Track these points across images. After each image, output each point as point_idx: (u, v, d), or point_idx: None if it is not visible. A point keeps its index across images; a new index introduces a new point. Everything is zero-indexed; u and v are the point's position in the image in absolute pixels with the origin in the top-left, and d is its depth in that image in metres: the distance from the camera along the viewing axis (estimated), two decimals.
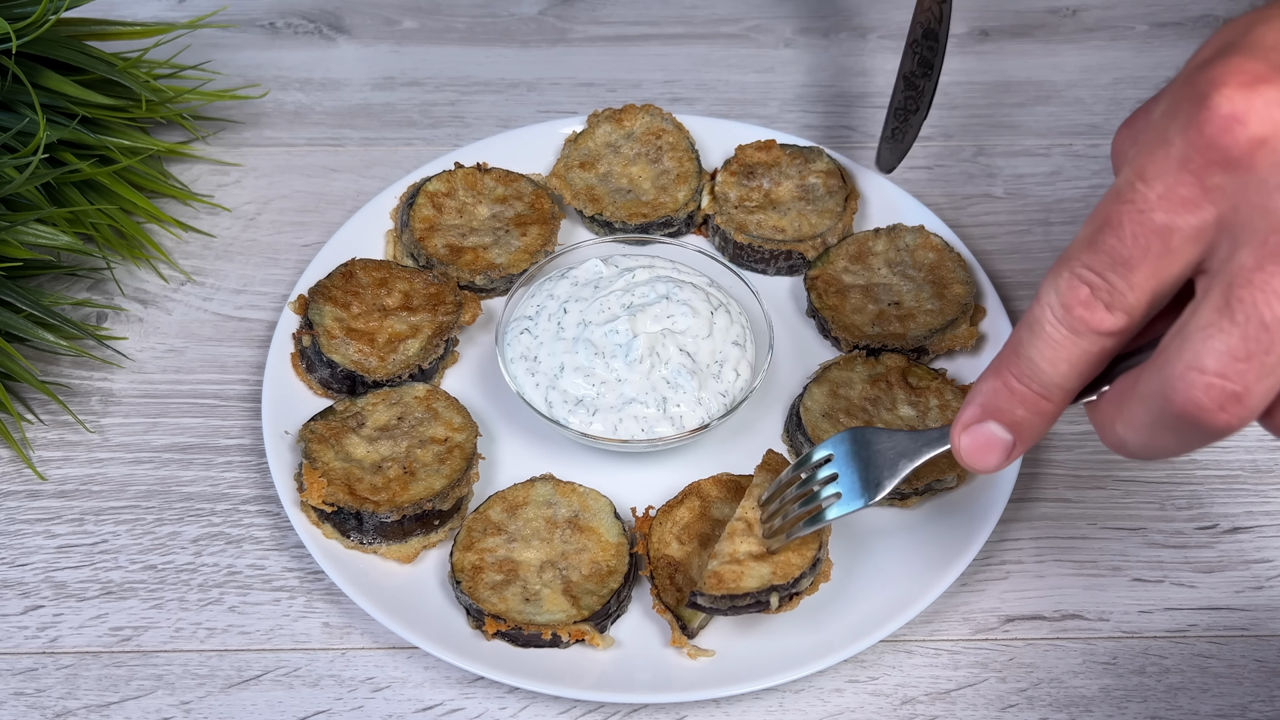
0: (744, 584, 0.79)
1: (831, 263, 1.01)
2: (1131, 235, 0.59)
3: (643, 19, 1.27)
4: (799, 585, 0.80)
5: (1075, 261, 0.61)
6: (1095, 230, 0.60)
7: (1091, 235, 0.60)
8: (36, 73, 0.99)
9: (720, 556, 0.81)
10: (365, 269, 0.98)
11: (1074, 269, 0.61)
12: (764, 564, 0.80)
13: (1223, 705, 0.82)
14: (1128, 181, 0.60)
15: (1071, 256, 0.61)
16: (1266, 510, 0.91)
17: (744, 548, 0.81)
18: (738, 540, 0.82)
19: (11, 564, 0.88)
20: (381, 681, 0.83)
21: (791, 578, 0.79)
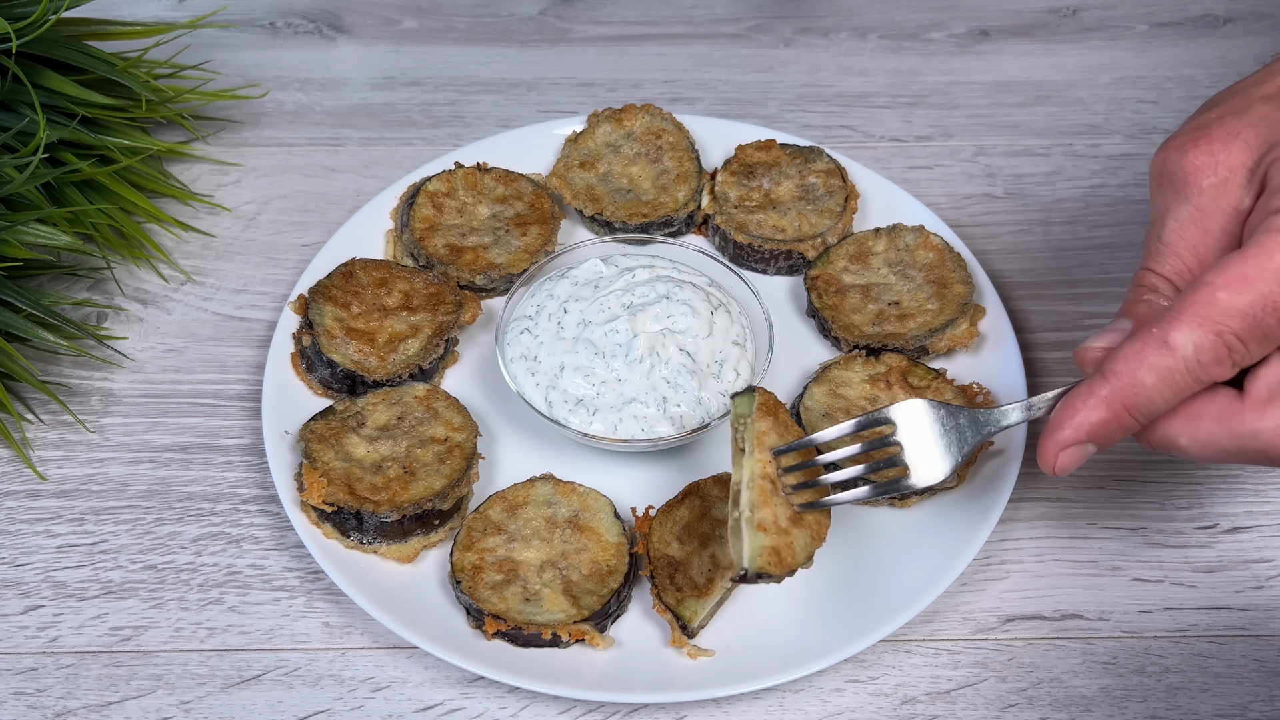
0: (797, 556, 0.75)
1: (831, 262, 1.01)
2: None
3: (643, 19, 1.27)
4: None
5: (1227, 329, 0.67)
6: (1256, 306, 0.67)
7: (1249, 309, 0.67)
8: (36, 73, 0.99)
9: (769, 529, 0.75)
10: (365, 269, 0.98)
11: (1224, 335, 0.67)
12: (802, 529, 0.76)
13: (1223, 705, 0.82)
14: None
15: (1219, 321, 0.67)
16: (1266, 510, 0.91)
17: (783, 513, 0.76)
18: (775, 504, 0.76)
19: (11, 564, 0.89)
20: (381, 681, 0.83)
21: (823, 541, 0.77)
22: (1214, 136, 0.73)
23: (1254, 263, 0.67)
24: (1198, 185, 0.73)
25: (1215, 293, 0.67)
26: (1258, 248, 0.67)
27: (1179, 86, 1.20)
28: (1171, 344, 0.68)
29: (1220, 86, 1.19)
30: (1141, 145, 1.15)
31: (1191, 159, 0.74)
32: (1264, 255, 0.67)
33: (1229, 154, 0.73)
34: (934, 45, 1.25)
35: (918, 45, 1.25)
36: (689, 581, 0.83)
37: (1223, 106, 0.76)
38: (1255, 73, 0.79)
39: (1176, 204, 0.74)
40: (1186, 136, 0.75)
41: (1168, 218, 0.74)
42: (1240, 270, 0.67)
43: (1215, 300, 0.67)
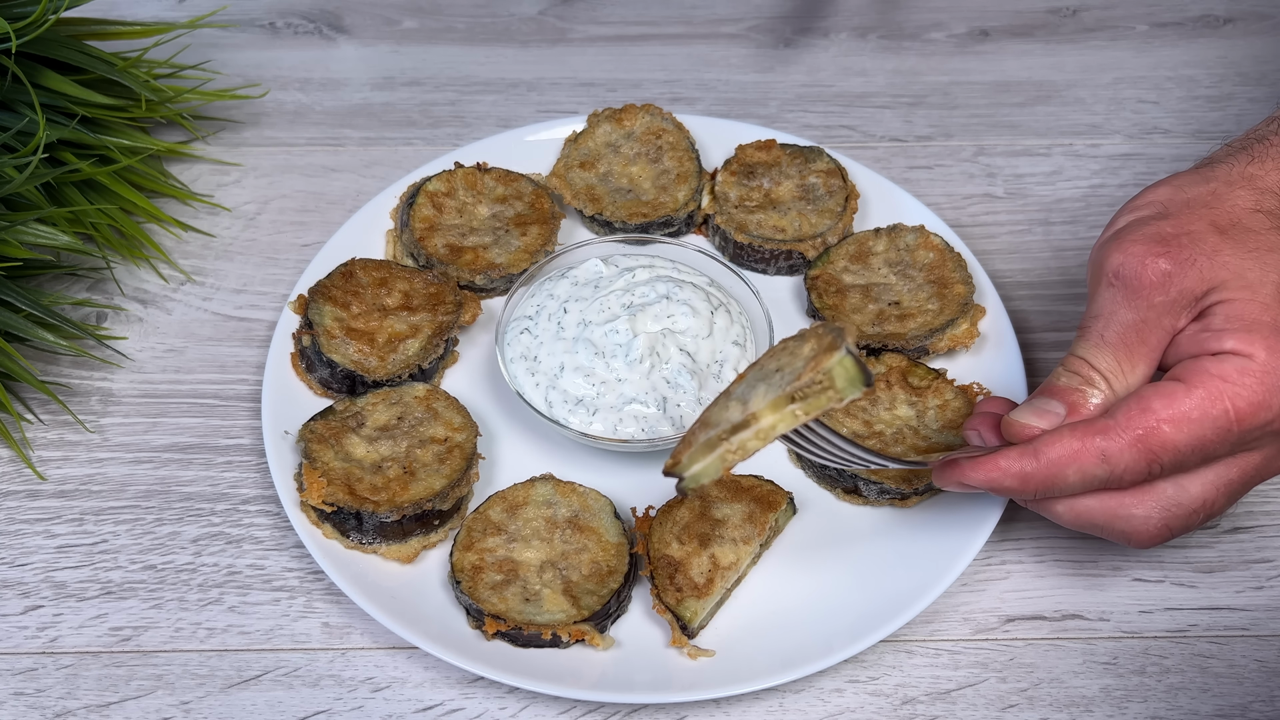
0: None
1: (831, 262, 1.01)
2: (1199, 458, 0.76)
3: (643, 19, 1.27)
4: None
5: (1158, 460, 0.74)
6: (1190, 447, 0.74)
7: (1186, 448, 0.74)
8: (36, 72, 0.99)
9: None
10: (365, 269, 0.98)
11: (1154, 464, 0.74)
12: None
13: (1223, 705, 0.82)
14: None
15: (1158, 452, 0.74)
16: (1266, 510, 0.91)
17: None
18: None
19: (11, 564, 0.88)
20: (381, 681, 0.83)
21: None
22: (1175, 257, 0.77)
23: (1198, 406, 0.74)
24: (1149, 300, 0.77)
25: (1161, 425, 0.74)
26: (1203, 391, 0.74)
27: (1179, 86, 1.20)
28: (1109, 459, 0.74)
29: (1220, 87, 1.20)
30: (1142, 145, 1.15)
31: (1150, 273, 0.77)
32: (1208, 401, 0.73)
33: (1184, 279, 0.77)
34: (934, 45, 1.25)
35: (918, 45, 1.25)
36: (689, 582, 0.83)
37: (1177, 219, 0.79)
38: (1201, 178, 0.82)
39: (1124, 309, 0.78)
40: (1147, 247, 0.78)
41: (1113, 319, 0.78)
42: (1185, 410, 0.74)
43: (1158, 432, 0.74)
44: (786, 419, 0.70)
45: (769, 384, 0.71)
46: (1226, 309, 0.76)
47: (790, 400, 0.70)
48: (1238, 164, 0.81)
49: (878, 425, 0.91)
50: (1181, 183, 0.82)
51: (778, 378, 0.71)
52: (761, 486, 0.88)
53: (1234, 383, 0.74)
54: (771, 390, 0.71)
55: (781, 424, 0.70)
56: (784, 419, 0.70)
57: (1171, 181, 0.82)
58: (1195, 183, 0.81)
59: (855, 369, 0.69)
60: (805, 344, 0.72)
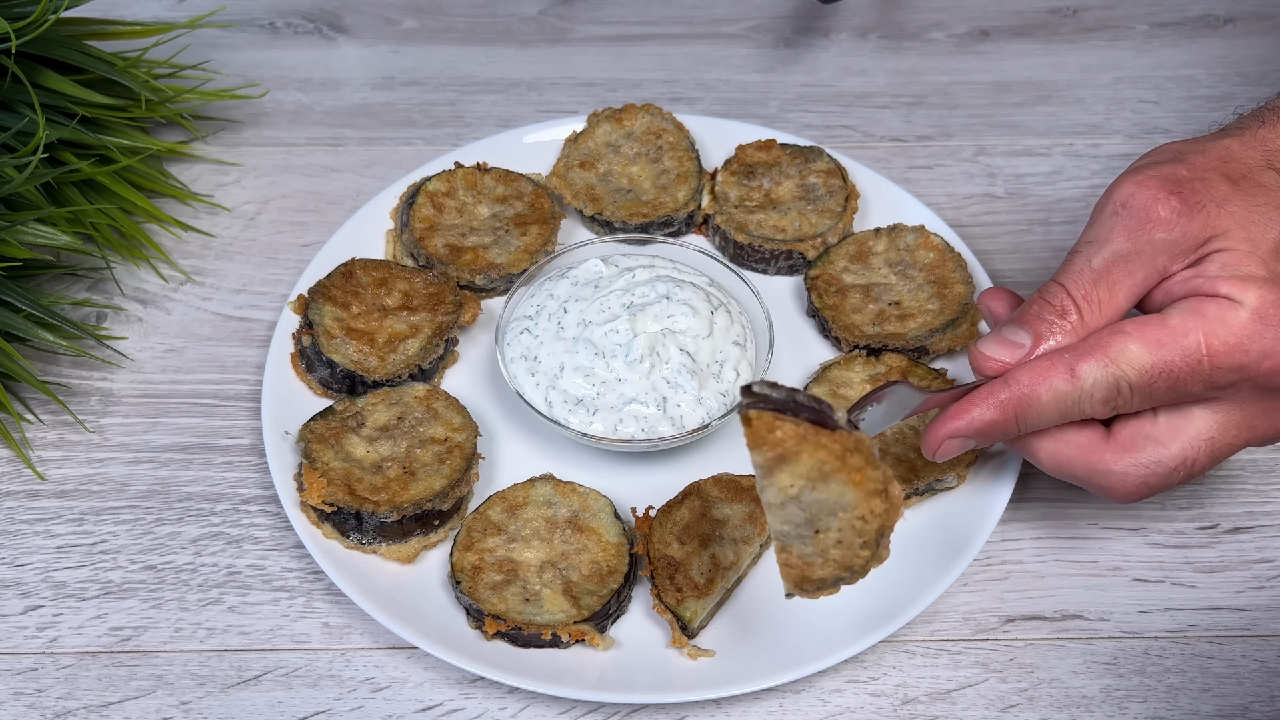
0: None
1: (832, 262, 1.01)
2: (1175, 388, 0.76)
3: (643, 19, 1.27)
4: None
5: (1124, 377, 0.75)
6: (1156, 368, 0.75)
7: (1150, 368, 0.75)
8: (36, 72, 0.99)
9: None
10: (365, 269, 0.98)
11: (1120, 381, 0.75)
12: None
13: (1223, 705, 0.82)
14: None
15: (1124, 368, 0.75)
16: (1266, 510, 0.91)
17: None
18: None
19: (11, 564, 0.88)
20: (381, 681, 0.83)
21: None
22: (1186, 198, 0.77)
23: (1170, 333, 0.74)
24: (1150, 234, 0.77)
25: (1128, 342, 0.75)
26: (1179, 321, 0.75)
27: (1179, 86, 1.20)
28: (1077, 374, 0.75)
29: (1220, 87, 1.20)
30: (1142, 145, 1.15)
31: (1160, 208, 0.77)
32: (1180, 332, 0.74)
33: (1191, 223, 0.77)
34: (934, 45, 1.25)
35: (918, 45, 1.25)
36: (689, 582, 0.83)
37: (1192, 164, 0.79)
38: (1215, 137, 0.82)
39: (1120, 238, 0.78)
40: (1161, 183, 0.78)
41: (1106, 246, 0.78)
42: (1156, 334, 0.75)
43: (1126, 349, 0.75)
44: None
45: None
46: (1224, 258, 0.76)
47: None
48: (1249, 128, 0.82)
49: None
50: (1198, 139, 0.82)
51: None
52: None
53: (1213, 319, 0.74)
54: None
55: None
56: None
57: (1189, 139, 0.83)
58: (1210, 139, 0.82)
59: None
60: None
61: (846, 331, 0.96)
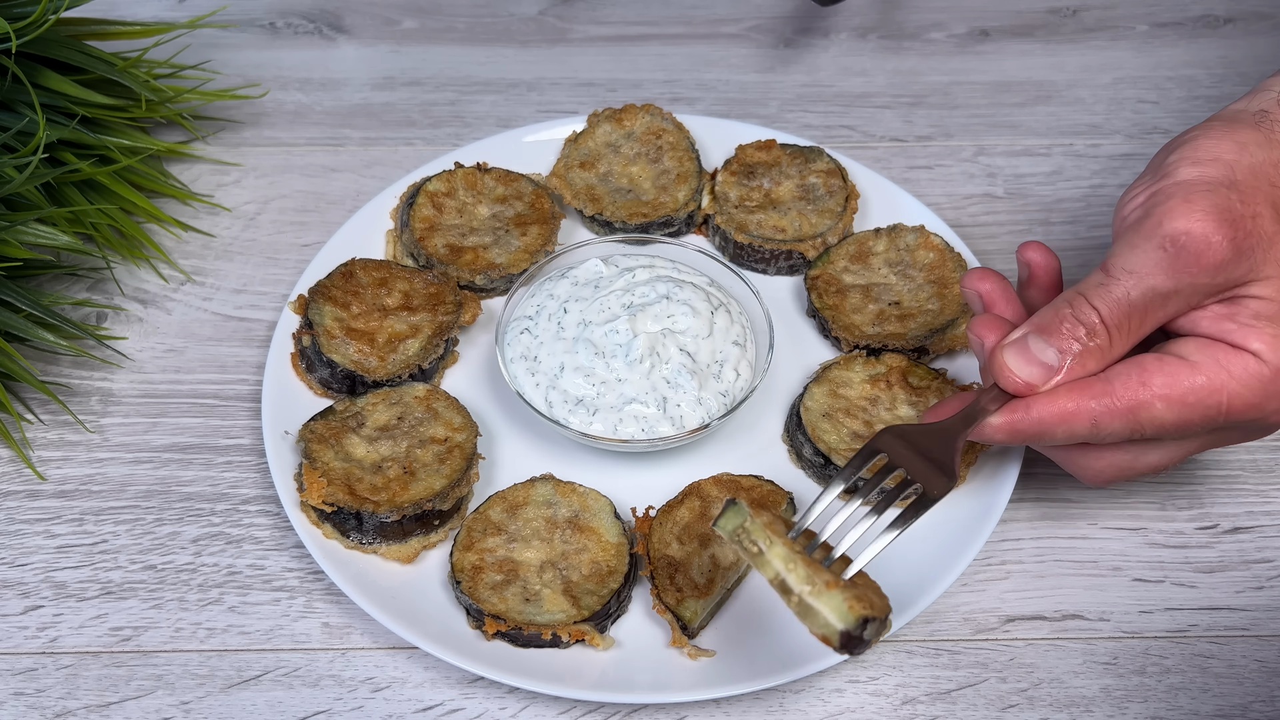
0: (877, 604, 0.73)
1: (832, 262, 1.01)
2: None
3: (643, 19, 1.27)
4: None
5: (1142, 432, 0.76)
6: (1178, 425, 0.75)
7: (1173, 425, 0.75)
8: (36, 72, 0.99)
9: (837, 586, 0.71)
10: (365, 269, 0.98)
11: (1138, 432, 0.76)
12: (861, 589, 0.73)
13: (1223, 705, 0.82)
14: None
15: (1147, 426, 0.75)
16: (1266, 510, 0.91)
17: (824, 576, 0.72)
18: (823, 573, 0.72)
19: (11, 564, 0.88)
20: (381, 681, 0.83)
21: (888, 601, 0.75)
22: (1238, 243, 0.73)
23: (1196, 393, 0.74)
24: (1195, 278, 0.74)
25: (1154, 401, 0.74)
26: (1205, 381, 0.74)
27: (1179, 86, 1.20)
28: (1099, 426, 0.75)
29: (1220, 87, 1.20)
30: (1142, 145, 1.15)
31: (1212, 255, 0.73)
32: (1207, 391, 0.74)
33: (1237, 267, 0.74)
34: (934, 45, 1.25)
35: (918, 45, 1.25)
36: (689, 582, 0.83)
37: (1245, 192, 0.75)
38: (1265, 140, 0.77)
39: (1164, 277, 0.74)
40: (1217, 224, 0.73)
41: (1146, 281, 0.74)
42: (1182, 393, 0.74)
43: (1150, 406, 0.75)
44: (776, 551, 0.73)
45: None
46: (1259, 306, 0.75)
47: (758, 554, 0.73)
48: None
49: (878, 425, 0.91)
50: (1244, 139, 0.77)
51: None
52: (761, 486, 0.88)
53: (1239, 381, 0.74)
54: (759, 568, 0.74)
55: (779, 553, 0.73)
56: (774, 553, 0.73)
57: (1230, 133, 0.77)
58: (1259, 144, 0.77)
59: (725, 515, 0.75)
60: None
61: (846, 331, 0.96)
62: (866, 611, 0.70)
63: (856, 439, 0.90)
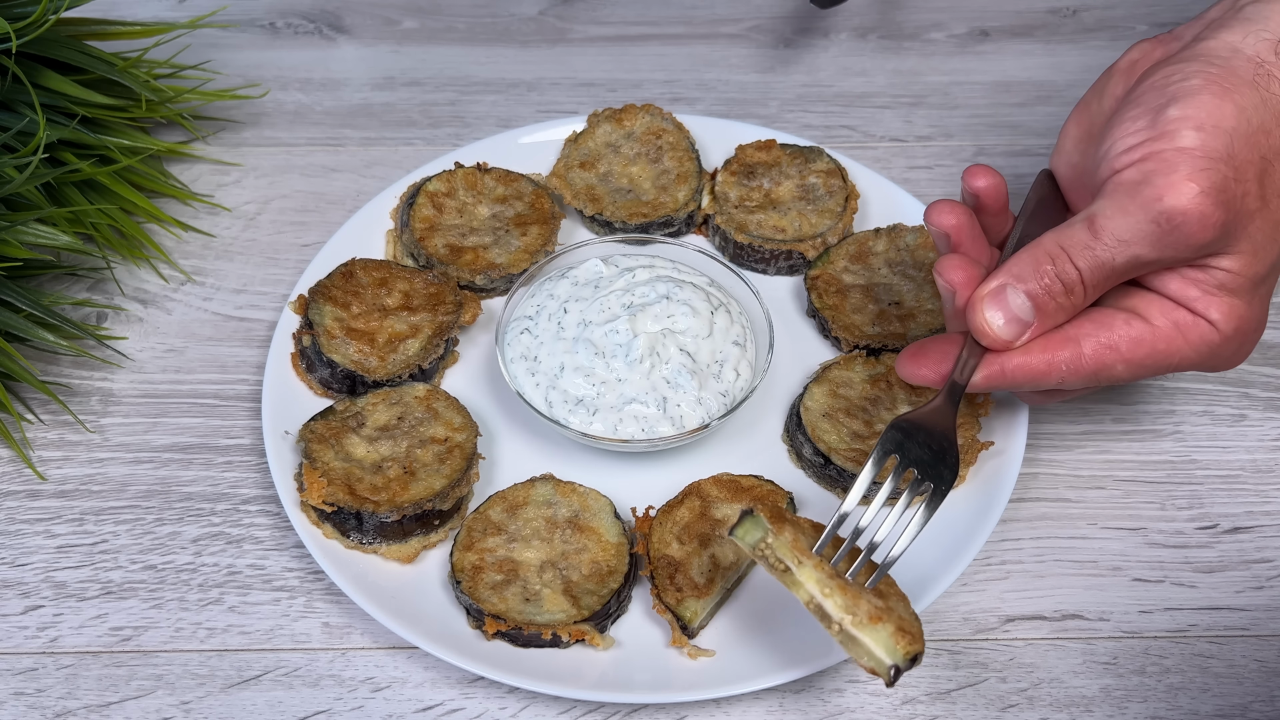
0: (913, 623, 0.74)
1: (832, 262, 1.01)
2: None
3: (643, 19, 1.27)
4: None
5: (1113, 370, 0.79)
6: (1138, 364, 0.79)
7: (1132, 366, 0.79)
8: (36, 73, 0.99)
9: (881, 617, 0.72)
10: (365, 269, 0.98)
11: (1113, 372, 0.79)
12: (893, 601, 0.75)
13: (1223, 705, 0.82)
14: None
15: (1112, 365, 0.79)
16: (1266, 510, 0.91)
17: (872, 599, 0.73)
18: (859, 595, 0.73)
19: (11, 564, 0.88)
20: (381, 681, 0.83)
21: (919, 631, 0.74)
22: (1227, 225, 0.74)
23: (1153, 354, 0.78)
24: (1178, 252, 0.75)
25: (1116, 364, 0.78)
26: (1165, 346, 0.78)
27: None
28: (1065, 380, 0.78)
29: None
30: None
31: (1204, 234, 0.74)
32: (1163, 355, 0.78)
33: (1220, 243, 0.76)
34: (934, 45, 1.25)
35: (918, 45, 1.25)
36: (689, 582, 0.83)
37: (1238, 164, 0.74)
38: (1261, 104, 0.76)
39: (1151, 250, 0.75)
40: (1215, 204, 0.73)
41: (1132, 250, 0.75)
42: (1142, 355, 0.78)
43: (1112, 368, 0.78)
44: (806, 574, 0.74)
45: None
46: (1224, 278, 0.77)
47: (785, 571, 0.74)
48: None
49: (878, 425, 0.91)
50: (1244, 102, 0.75)
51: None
52: (761, 487, 0.88)
53: (1192, 346, 0.78)
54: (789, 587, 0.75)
55: (810, 576, 0.74)
56: (805, 575, 0.74)
57: (1231, 93, 0.75)
58: (1256, 108, 0.75)
59: (743, 525, 0.75)
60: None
61: (846, 331, 0.96)
62: (915, 648, 0.72)
63: (856, 439, 0.90)
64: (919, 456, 0.77)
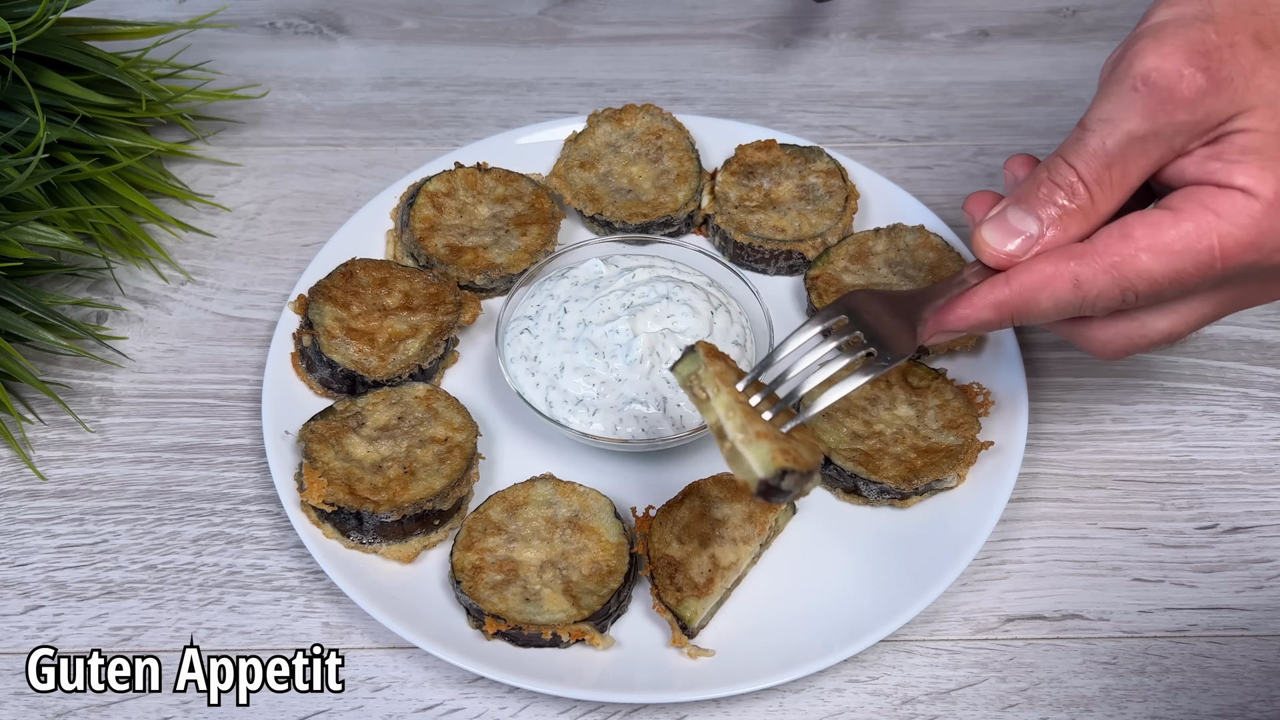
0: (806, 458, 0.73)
1: (831, 262, 1.01)
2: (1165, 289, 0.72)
3: (643, 19, 1.27)
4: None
5: (1133, 289, 0.72)
6: (1167, 278, 0.71)
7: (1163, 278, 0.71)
8: (36, 73, 0.99)
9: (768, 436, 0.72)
10: (365, 269, 0.98)
11: (1128, 292, 0.72)
12: (798, 442, 0.75)
13: (1223, 705, 0.82)
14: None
15: (1134, 280, 0.72)
16: (1266, 510, 0.91)
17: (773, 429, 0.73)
18: (757, 422, 0.73)
19: (11, 564, 0.88)
20: (381, 681, 0.83)
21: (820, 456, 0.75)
22: (1213, 74, 0.70)
23: (1184, 239, 0.70)
24: (1172, 116, 0.70)
25: (1138, 252, 0.71)
26: (1192, 226, 0.70)
27: None
28: (1082, 286, 0.72)
29: None
30: None
31: (1184, 88, 0.70)
32: (1194, 237, 0.70)
33: (1216, 100, 0.70)
34: (934, 45, 1.25)
35: (918, 45, 1.25)
36: (689, 582, 0.83)
37: (1221, 24, 0.71)
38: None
39: (1139, 119, 0.71)
40: (1187, 56, 0.70)
41: (1123, 128, 0.72)
42: (1168, 240, 0.70)
43: (1136, 260, 0.71)
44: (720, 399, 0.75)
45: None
46: (1244, 140, 0.70)
47: (704, 400, 0.75)
48: None
49: (878, 425, 0.91)
50: None
51: None
52: None
53: (1228, 219, 0.70)
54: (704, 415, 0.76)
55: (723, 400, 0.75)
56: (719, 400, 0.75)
57: None
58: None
59: (682, 361, 0.77)
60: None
61: None
62: (788, 463, 0.70)
63: (856, 438, 0.90)
64: (874, 325, 0.76)
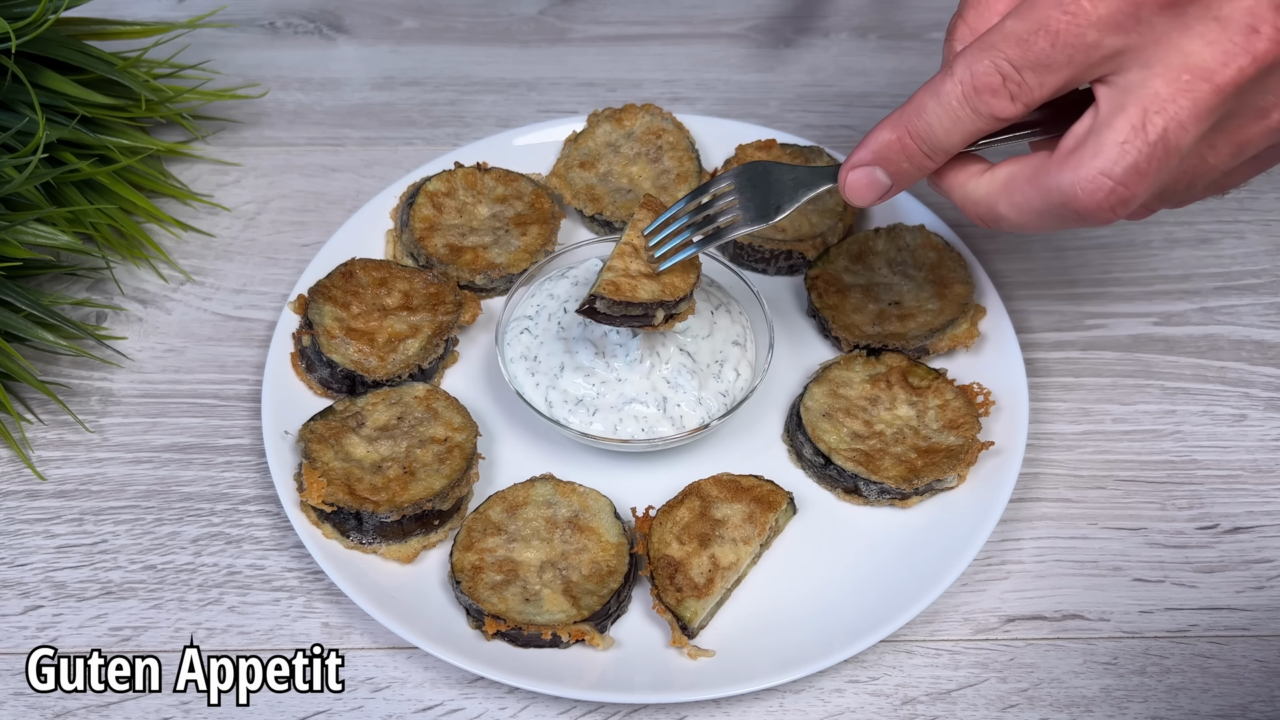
0: (638, 295, 0.84)
1: (832, 262, 1.01)
2: (1062, 44, 0.66)
3: (643, 19, 1.27)
4: (680, 306, 0.86)
5: (998, 52, 0.67)
6: (1029, 29, 0.66)
7: (1024, 33, 0.66)
8: (36, 72, 0.99)
9: (614, 270, 0.85)
10: (365, 269, 0.98)
11: (995, 58, 0.67)
12: (653, 282, 0.86)
13: (1223, 705, 0.82)
14: None
15: (996, 45, 0.67)
16: (1266, 510, 0.91)
17: (634, 266, 0.86)
18: (627, 259, 0.86)
19: (11, 564, 0.88)
20: (381, 681, 0.83)
21: (676, 297, 0.85)
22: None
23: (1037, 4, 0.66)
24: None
25: (993, 18, 0.70)
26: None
27: None
28: (953, 70, 0.69)
29: None
30: None
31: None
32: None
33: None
34: (934, 45, 1.25)
35: (918, 45, 1.25)
36: (689, 582, 0.83)
37: None
38: None
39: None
40: None
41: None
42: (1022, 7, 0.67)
43: (1000, 27, 0.68)
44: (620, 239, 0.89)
45: None
46: None
47: None
48: None
49: (878, 425, 0.91)
50: None
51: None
52: (761, 487, 0.88)
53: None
54: None
55: (620, 241, 0.89)
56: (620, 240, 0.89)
57: None
58: None
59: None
60: None
61: (846, 331, 0.96)
62: (604, 292, 0.84)
63: (856, 439, 0.90)
64: (748, 195, 0.82)
